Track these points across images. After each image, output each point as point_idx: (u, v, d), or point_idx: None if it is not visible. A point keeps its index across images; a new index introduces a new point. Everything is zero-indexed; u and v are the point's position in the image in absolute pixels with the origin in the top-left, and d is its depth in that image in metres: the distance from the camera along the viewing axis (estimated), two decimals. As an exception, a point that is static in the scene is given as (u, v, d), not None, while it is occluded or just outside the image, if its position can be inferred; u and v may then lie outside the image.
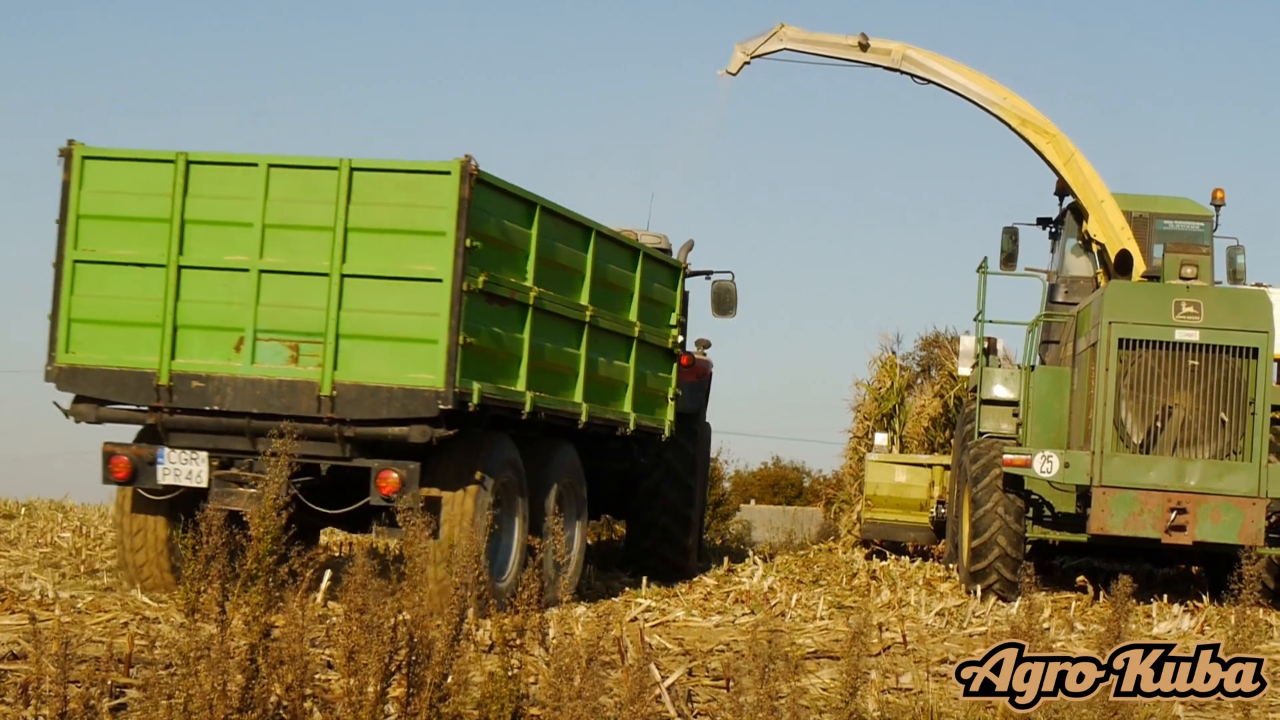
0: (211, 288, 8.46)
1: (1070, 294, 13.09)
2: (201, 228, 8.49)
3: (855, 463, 19.29)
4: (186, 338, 8.44)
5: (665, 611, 8.68)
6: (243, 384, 8.31)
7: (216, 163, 8.56)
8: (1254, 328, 10.85)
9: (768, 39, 12.98)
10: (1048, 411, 12.18)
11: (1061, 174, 12.64)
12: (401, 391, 8.12)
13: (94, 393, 8.56)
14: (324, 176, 8.31)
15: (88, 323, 8.56)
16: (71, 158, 8.58)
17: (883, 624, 8.03)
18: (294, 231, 8.38)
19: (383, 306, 8.24)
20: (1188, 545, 10.79)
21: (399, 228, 8.26)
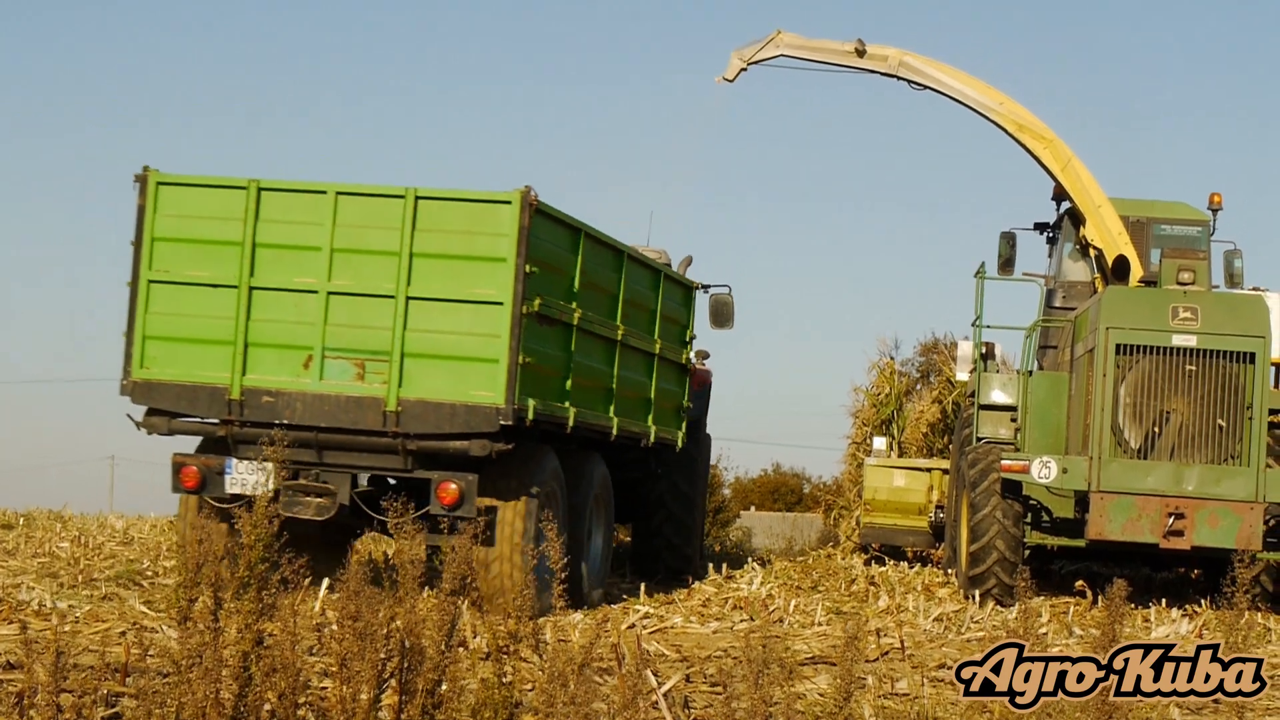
0: (281, 308, 8.90)
1: (1068, 299, 13.07)
2: (272, 251, 8.90)
3: (854, 469, 19.27)
4: (257, 355, 8.87)
5: (664, 618, 8.69)
6: (311, 399, 8.74)
7: (287, 189, 8.97)
8: (1251, 332, 10.83)
9: (764, 45, 12.97)
10: (1046, 417, 12.16)
11: (1058, 179, 12.61)
12: (463, 408, 8.60)
13: (167, 406, 8.96)
14: (390, 204, 8.77)
15: (161, 340, 8.98)
16: (146, 183, 8.98)
17: (881, 630, 8.02)
18: (361, 256, 8.84)
19: (445, 327, 8.71)
20: (1186, 550, 10.79)
21: (461, 253, 8.73)
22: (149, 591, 9.38)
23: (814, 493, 39.63)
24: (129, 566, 10.73)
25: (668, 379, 11.40)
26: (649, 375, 10.94)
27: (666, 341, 11.23)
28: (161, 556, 11.47)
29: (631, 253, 10.46)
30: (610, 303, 10.08)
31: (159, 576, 10.25)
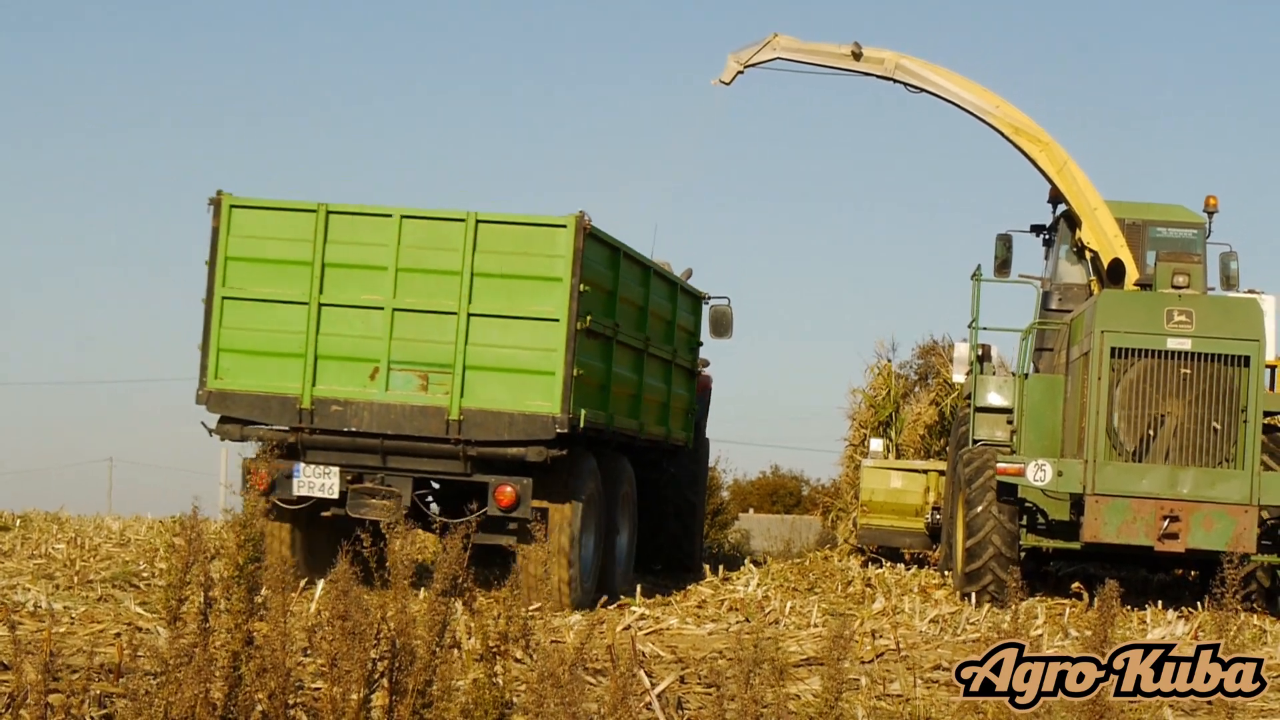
0: (349, 323, 9.47)
1: (1064, 301, 13.02)
2: (340, 270, 9.47)
3: (852, 471, 19.22)
4: (326, 367, 9.46)
5: (659, 619, 8.65)
6: (378, 408, 9.34)
7: (354, 213, 9.53)
8: (1245, 336, 10.80)
9: (761, 48, 12.95)
10: (1041, 419, 12.13)
11: (1054, 181, 12.58)
12: (522, 417, 9.25)
13: (240, 414, 9.53)
14: (452, 227, 9.39)
15: (235, 352, 9.53)
16: (220, 206, 9.52)
17: (876, 631, 7.99)
18: (424, 275, 9.42)
19: (504, 342, 9.33)
20: (1180, 553, 10.76)
21: (519, 273, 9.34)
22: (145, 593, 9.35)
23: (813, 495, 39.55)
24: (125, 568, 10.70)
25: (680, 384, 12.09)
26: (667, 382, 11.65)
27: (680, 349, 11.95)
28: (158, 558, 11.45)
29: (656, 269, 11.14)
30: (639, 315, 10.75)
31: (155, 578, 10.21)
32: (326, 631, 4.06)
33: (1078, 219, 12.55)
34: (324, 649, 4.03)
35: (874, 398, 19.88)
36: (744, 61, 12.99)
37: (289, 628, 4.20)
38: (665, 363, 11.55)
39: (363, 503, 9.33)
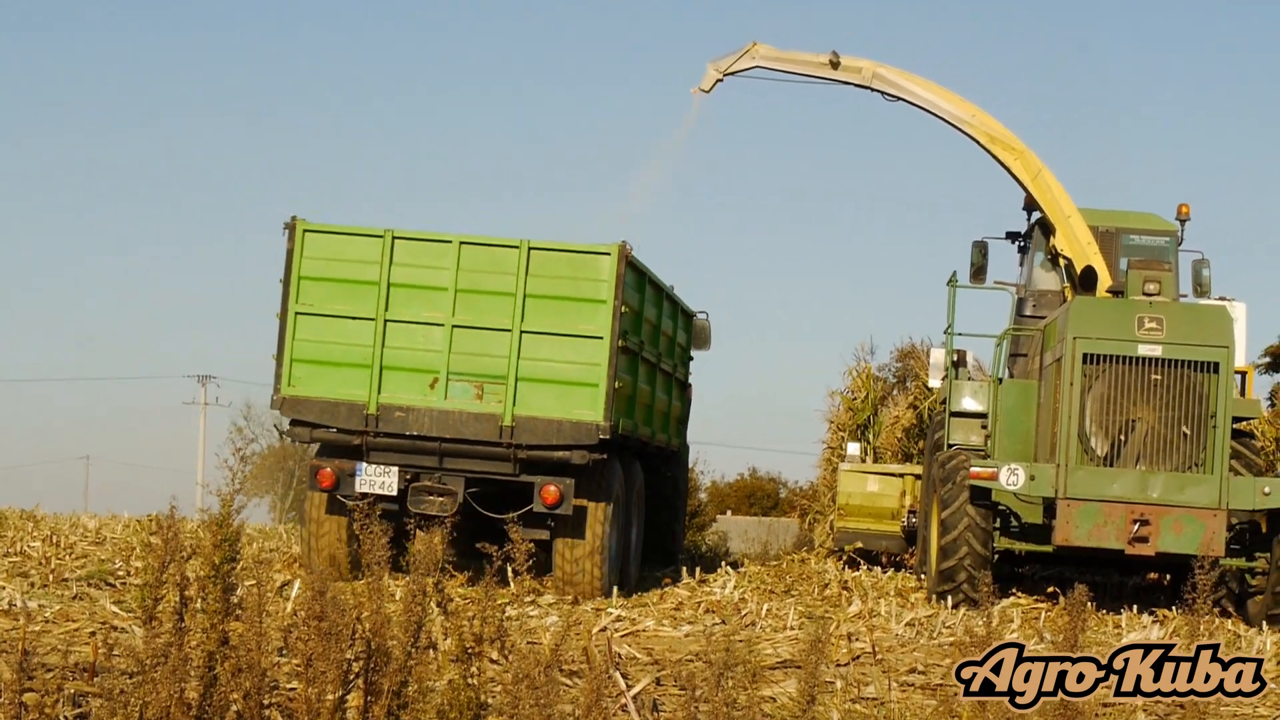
0: (412, 338, 10.35)
1: (1038, 307, 13.04)
2: (404, 290, 10.34)
3: (829, 473, 19.20)
4: (390, 377, 10.32)
5: (635, 621, 8.58)
6: (437, 415, 10.23)
7: (417, 239, 10.39)
8: (1215, 342, 10.85)
9: (740, 57, 12.94)
10: (1015, 424, 12.16)
11: (1029, 189, 12.59)
12: (569, 424, 10.18)
13: (311, 419, 10.38)
14: (506, 253, 10.30)
15: (307, 363, 10.36)
16: (294, 230, 10.36)
17: (853, 634, 7.95)
18: (480, 295, 10.32)
19: (553, 357, 10.25)
20: (1151, 556, 10.79)
21: (567, 295, 10.28)
22: (120, 592, 9.25)
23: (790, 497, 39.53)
24: (101, 566, 10.56)
25: (677, 395, 13.23)
26: (669, 393, 12.74)
27: (678, 363, 13.04)
28: (134, 557, 11.34)
29: (668, 291, 12.17)
30: (654, 333, 11.77)
31: (131, 576, 10.09)
32: (302, 632, 4.02)
33: (1052, 226, 12.56)
34: (299, 649, 4.00)
35: (852, 400, 19.89)
36: (724, 70, 13.00)
37: (265, 628, 4.17)
38: (668, 376, 12.56)
39: (421, 499, 10.24)
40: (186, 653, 4.18)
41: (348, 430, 10.32)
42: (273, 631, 4.46)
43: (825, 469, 20.10)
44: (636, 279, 10.78)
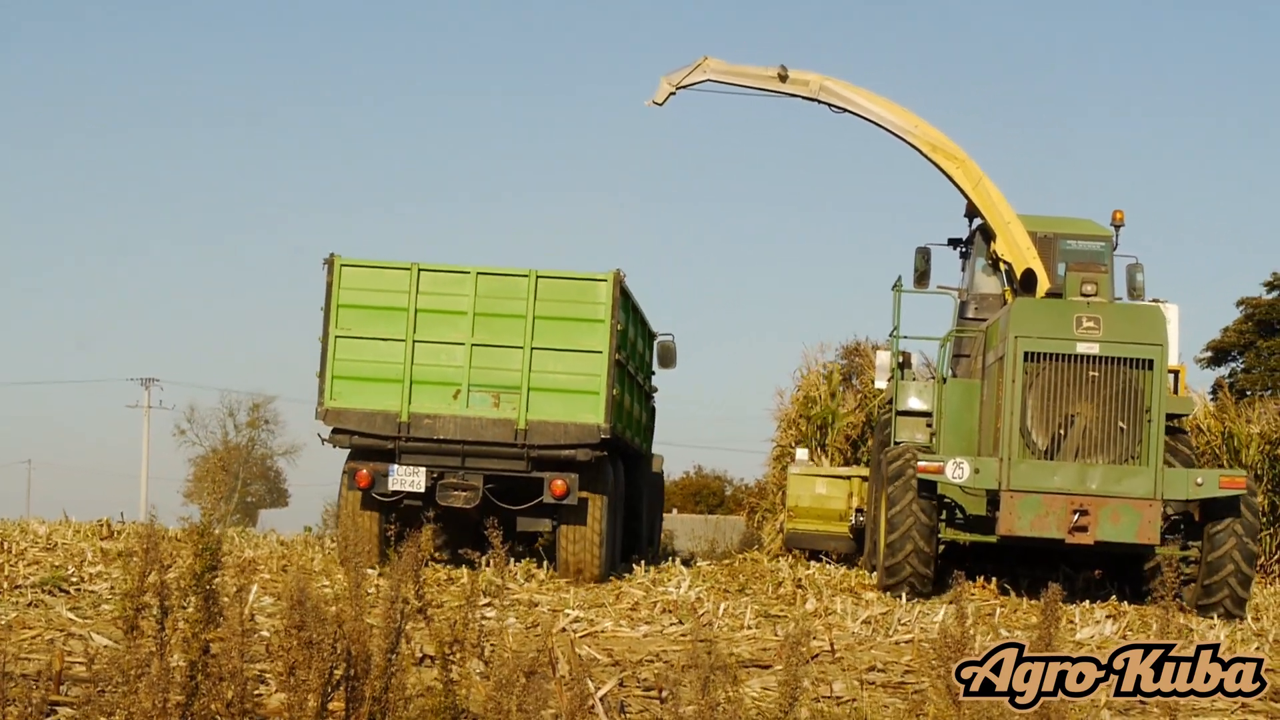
0: (436, 355, 11.56)
1: (980, 310, 13.09)
2: (429, 314, 11.56)
3: (779, 471, 19.22)
4: (419, 390, 11.53)
5: (593, 622, 8.31)
6: (460, 421, 11.50)
7: (440, 270, 11.61)
8: (1149, 340, 10.97)
9: (692, 71, 12.95)
10: (959, 422, 12.27)
11: (970, 197, 12.65)
12: (574, 426, 11.43)
13: (351, 427, 11.57)
14: (518, 281, 11.57)
15: (346, 379, 11.56)
16: (333, 265, 11.58)
17: (811, 632, 7.86)
18: (495, 318, 11.56)
19: (559, 369, 11.49)
20: (1090, 545, 10.88)
21: (570, 316, 11.54)
22: (76, 598, 8.83)
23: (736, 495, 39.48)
24: (55, 573, 10.08)
25: (644, 404, 14.52)
26: (640, 401, 13.98)
27: (646, 375, 14.35)
28: (86, 563, 11.01)
29: (641, 313, 13.42)
30: (633, 348, 12.89)
31: (85, 583, 9.65)
32: (284, 640, 3.94)
33: (992, 232, 12.62)
34: (282, 657, 3.91)
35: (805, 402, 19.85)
36: (676, 83, 13.01)
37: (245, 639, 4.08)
38: (639, 386, 13.80)
39: (447, 494, 11.50)
40: (168, 662, 4.09)
41: (382, 436, 11.50)
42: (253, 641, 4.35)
43: (774, 467, 20.10)
44: (625, 302, 11.96)
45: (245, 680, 3.93)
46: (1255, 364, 32.62)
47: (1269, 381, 31.23)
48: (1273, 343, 32.90)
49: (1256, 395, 25.50)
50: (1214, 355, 34.41)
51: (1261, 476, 17.41)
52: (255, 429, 61.87)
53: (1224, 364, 34.01)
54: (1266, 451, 17.59)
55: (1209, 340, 34.48)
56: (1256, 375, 31.96)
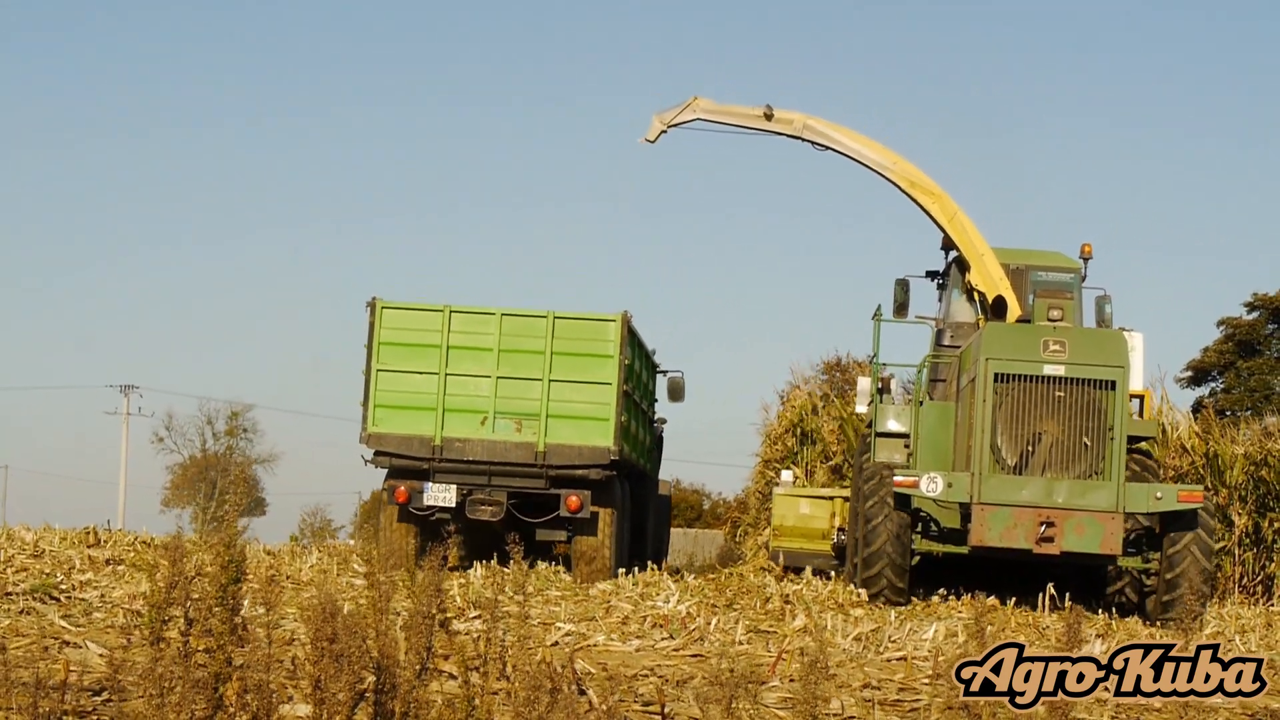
0: (466, 387, 12.51)
1: (955, 338, 12.97)
2: (459, 350, 12.52)
3: (763, 485, 19.08)
4: (450, 417, 12.44)
5: (585, 635, 7.94)
6: (487, 444, 12.44)
7: (469, 312, 12.59)
8: (1112, 363, 10.97)
9: (682, 110, 12.95)
10: (935, 442, 12.23)
11: (946, 230, 12.57)
12: (587, 449, 12.40)
13: (391, 449, 12.43)
14: (537, 321, 12.53)
15: (386, 407, 12.47)
16: (375, 307, 12.57)
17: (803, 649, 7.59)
18: (518, 354, 12.50)
19: (574, 398, 12.41)
20: (1056, 555, 10.83)
21: (583, 352, 12.48)
22: (67, 605, 8.39)
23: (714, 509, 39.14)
24: (45, 580, 9.50)
25: (648, 429, 15.22)
26: (645, 427, 14.79)
27: (649, 404, 15.07)
28: (75, 570, 10.45)
29: (646, 349, 14.23)
30: (638, 380, 13.65)
31: (75, 591, 9.18)
32: (311, 653, 3.80)
33: (967, 264, 12.55)
34: (308, 671, 3.77)
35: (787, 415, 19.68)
36: (667, 121, 13.00)
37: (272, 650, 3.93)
38: (645, 414, 14.59)
39: (476, 508, 12.37)
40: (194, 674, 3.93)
41: (418, 457, 12.38)
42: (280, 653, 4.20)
43: (758, 480, 19.93)
44: (632, 338, 12.83)
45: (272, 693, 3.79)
46: (1235, 384, 31.50)
47: (1249, 402, 30.05)
48: (1253, 363, 31.72)
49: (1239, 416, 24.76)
50: (1194, 375, 32.78)
51: (1245, 498, 16.76)
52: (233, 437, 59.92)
53: (1204, 384, 32.86)
54: (1251, 472, 16.84)
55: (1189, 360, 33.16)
56: (1237, 395, 30.82)
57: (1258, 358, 32.07)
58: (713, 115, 12.91)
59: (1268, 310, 32.66)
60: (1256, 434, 17.90)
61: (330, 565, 12.39)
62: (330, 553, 14.19)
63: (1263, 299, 32.54)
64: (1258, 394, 30.61)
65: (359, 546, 15.69)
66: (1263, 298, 32.54)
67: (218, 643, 4.06)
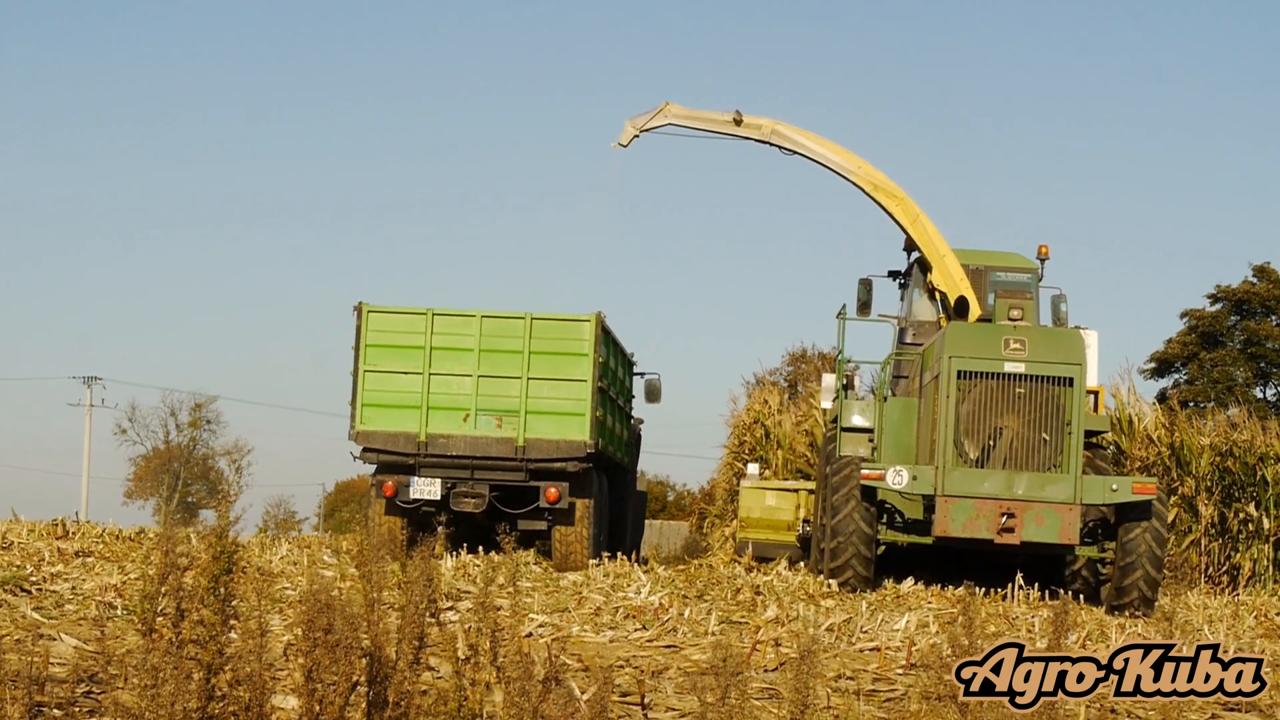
0: (449, 385, 12.62)
1: (917, 336, 12.97)
2: (441, 351, 12.63)
3: (730, 477, 19.04)
4: (434, 414, 12.55)
5: (559, 626, 7.72)
6: (469, 440, 12.56)
7: (450, 314, 12.67)
8: (1070, 360, 10.99)
9: (655, 115, 12.89)
10: (898, 436, 12.25)
11: (909, 232, 12.55)
12: (564, 443, 12.50)
13: (378, 446, 12.59)
14: (515, 322, 12.65)
15: (373, 406, 12.61)
16: (361, 312, 12.71)
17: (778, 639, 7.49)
18: (498, 353, 12.62)
19: (551, 395, 12.55)
20: (1016, 545, 10.86)
21: (560, 351, 12.59)
22: (38, 598, 8.05)
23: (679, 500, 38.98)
24: (15, 572, 9.09)
25: (624, 424, 15.19)
26: (621, 421, 14.76)
27: (626, 399, 15.12)
28: (45, 563, 10.00)
29: (620, 346, 14.24)
30: (613, 377, 13.70)
31: (46, 583, 8.83)
32: (303, 644, 3.68)
33: (929, 265, 12.53)
34: (300, 662, 3.65)
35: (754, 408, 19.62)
36: (640, 126, 12.92)
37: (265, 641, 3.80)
38: (620, 409, 14.57)
39: (460, 501, 12.55)
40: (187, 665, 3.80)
41: (405, 453, 12.51)
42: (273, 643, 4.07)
43: (725, 472, 19.87)
44: (606, 337, 12.91)
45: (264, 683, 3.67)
46: (1198, 375, 30.95)
47: (1211, 393, 29.54)
48: (1216, 354, 31.21)
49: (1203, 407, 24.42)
50: (1158, 366, 32.16)
51: (1211, 488, 16.56)
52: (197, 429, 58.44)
53: (1167, 375, 32.27)
54: (1217, 463, 16.60)
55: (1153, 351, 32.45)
56: (1200, 387, 30.30)
57: (1220, 349, 31.48)
58: (684, 120, 12.86)
59: (1230, 302, 32.12)
60: (1222, 425, 17.58)
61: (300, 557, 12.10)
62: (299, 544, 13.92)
63: (1225, 291, 31.99)
64: (1220, 385, 30.00)
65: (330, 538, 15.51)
66: (1225, 289, 32.00)
67: (210, 633, 3.93)
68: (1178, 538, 16.44)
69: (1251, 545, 16.45)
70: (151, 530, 14.98)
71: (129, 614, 7.16)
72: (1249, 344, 31.87)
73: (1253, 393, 30.88)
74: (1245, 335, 31.86)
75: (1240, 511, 16.63)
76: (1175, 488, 16.65)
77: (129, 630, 6.36)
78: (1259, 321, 31.89)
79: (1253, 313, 32.19)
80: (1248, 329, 31.76)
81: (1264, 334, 31.46)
